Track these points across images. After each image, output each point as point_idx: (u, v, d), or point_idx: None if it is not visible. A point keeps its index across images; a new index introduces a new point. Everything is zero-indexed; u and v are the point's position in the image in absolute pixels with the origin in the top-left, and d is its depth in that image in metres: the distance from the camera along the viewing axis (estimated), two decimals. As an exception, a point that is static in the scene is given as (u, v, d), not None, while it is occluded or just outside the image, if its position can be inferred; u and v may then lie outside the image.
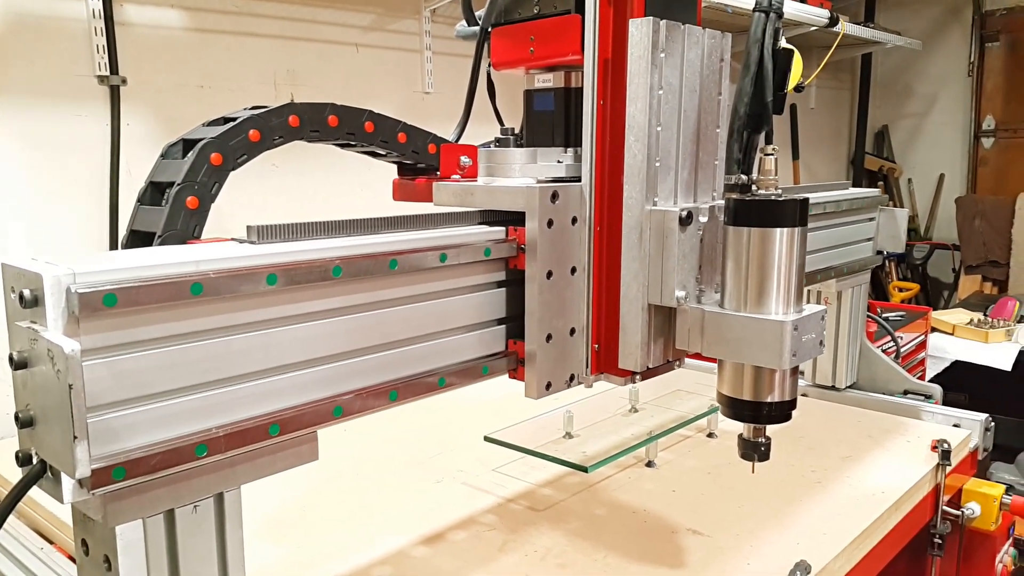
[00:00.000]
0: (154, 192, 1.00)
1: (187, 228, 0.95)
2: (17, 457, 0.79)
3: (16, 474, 1.64)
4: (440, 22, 3.21)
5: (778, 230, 1.07)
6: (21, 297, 0.73)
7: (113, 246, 2.35)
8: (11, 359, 0.75)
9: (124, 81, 2.36)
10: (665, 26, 1.12)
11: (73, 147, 2.30)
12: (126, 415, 0.78)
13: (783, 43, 1.20)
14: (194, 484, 0.84)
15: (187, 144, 1.01)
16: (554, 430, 1.82)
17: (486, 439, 1.77)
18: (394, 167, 1.43)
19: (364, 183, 2.89)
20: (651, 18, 1.11)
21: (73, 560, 1.40)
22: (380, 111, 1.28)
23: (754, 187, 1.14)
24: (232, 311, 0.85)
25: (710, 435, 1.98)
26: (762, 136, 1.16)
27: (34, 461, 0.78)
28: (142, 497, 0.81)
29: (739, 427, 1.24)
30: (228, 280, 0.82)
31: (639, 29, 1.12)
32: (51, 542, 1.49)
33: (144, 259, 0.80)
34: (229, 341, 0.85)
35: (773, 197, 1.10)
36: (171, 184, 0.96)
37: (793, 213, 1.08)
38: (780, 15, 1.13)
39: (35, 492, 0.80)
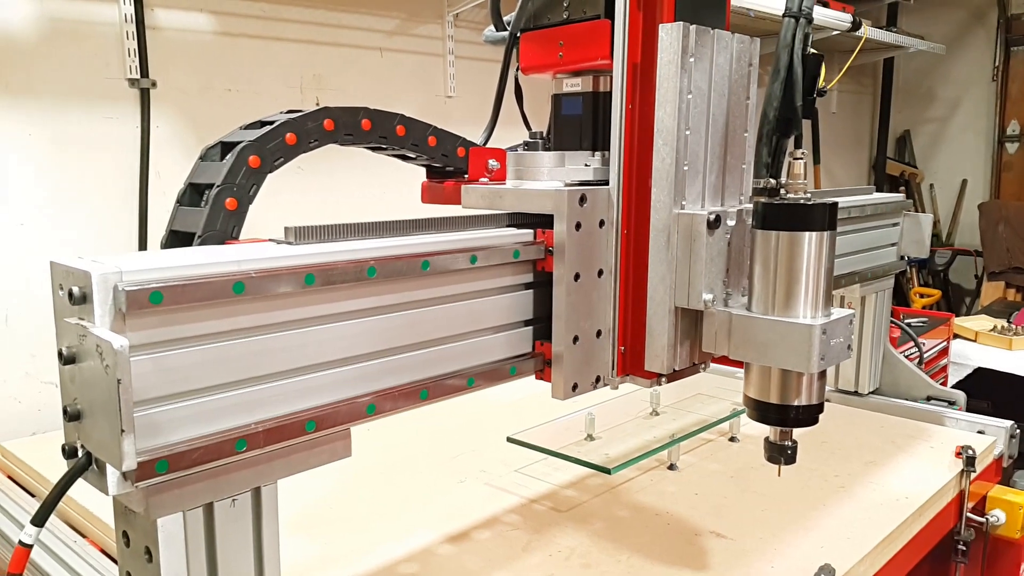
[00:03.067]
0: (193, 193, 1.02)
1: (226, 229, 0.97)
2: (63, 449, 0.81)
3: (49, 468, 1.66)
4: (463, 27, 3.23)
5: (807, 234, 1.08)
6: (70, 294, 0.75)
7: (142, 246, 2.39)
8: (60, 354, 0.77)
9: (154, 84, 2.40)
10: (695, 31, 1.13)
11: (103, 148, 2.35)
12: (169, 410, 0.80)
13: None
14: (233, 478, 0.86)
15: (225, 147, 1.03)
16: (576, 432, 1.83)
17: (509, 440, 1.79)
18: (419, 170, 1.45)
19: (386, 186, 2.92)
20: (681, 23, 1.12)
21: (105, 553, 1.43)
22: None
23: (783, 191, 1.15)
24: (271, 310, 0.87)
25: (732, 439, 1.99)
26: (791, 140, 1.16)
27: (79, 454, 0.80)
28: (183, 490, 0.82)
29: (761, 431, 1.25)
30: (268, 280, 0.84)
31: (669, 34, 1.13)
32: (84, 536, 1.52)
33: (187, 258, 0.82)
34: (268, 339, 0.87)
35: (802, 201, 1.11)
36: (210, 186, 0.99)
37: (822, 217, 1.09)
38: (810, 20, 1.14)
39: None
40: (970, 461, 1.80)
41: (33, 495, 1.74)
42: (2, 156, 2.17)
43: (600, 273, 1.19)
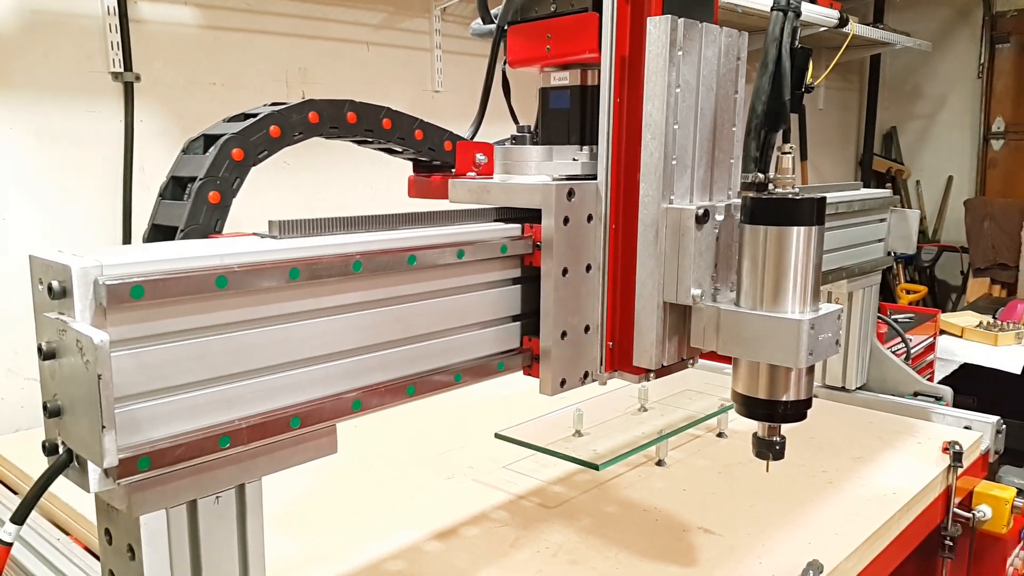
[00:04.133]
0: (175, 187, 1.01)
1: (209, 223, 0.96)
2: (44, 446, 0.79)
3: (32, 466, 1.65)
4: (450, 21, 3.21)
5: (795, 228, 1.08)
6: (49, 288, 0.74)
7: (126, 241, 2.36)
8: (39, 349, 0.75)
9: (138, 78, 2.38)
10: (683, 24, 1.13)
11: (87, 143, 2.32)
12: (151, 406, 0.79)
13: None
14: (217, 475, 0.85)
15: (208, 139, 1.02)
16: (564, 428, 1.83)
17: (497, 436, 1.78)
18: (406, 165, 1.44)
19: (373, 180, 2.90)
20: (669, 16, 1.11)
21: (89, 551, 1.42)
22: (391, 109, 1.28)
23: (771, 185, 1.15)
24: (255, 304, 0.86)
25: (720, 435, 1.99)
26: (779, 135, 1.16)
27: (60, 451, 0.78)
28: (165, 487, 0.81)
29: (749, 427, 1.24)
30: (252, 274, 0.83)
31: (657, 27, 1.12)
32: (67, 533, 1.50)
33: (169, 252, 0.81)
34: (252, 334, 0.86)
35: (790, 195, 1.10)
36: (193, 179, 0.97)
37: (810, 212, 1.08)
38: (798, 14, 1.14)
39: (52, 484, 0.81)
40: (957, 456, 1.80)
41: (16, 493, 1.71)
42: (-17, 150, 2.14)
43: (588, 268, 1.19)
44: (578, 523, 1.52)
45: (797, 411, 1.16)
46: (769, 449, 1.21)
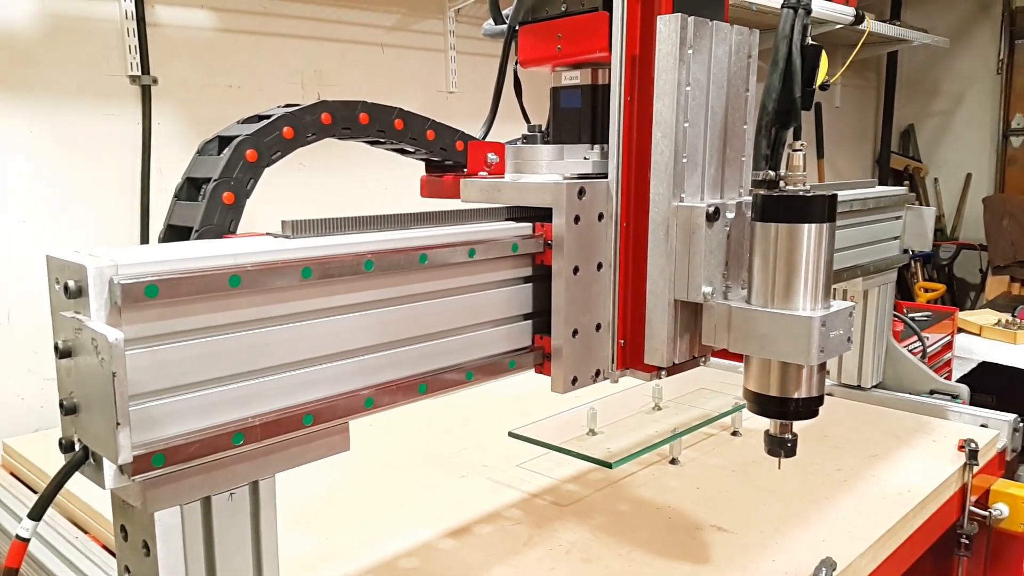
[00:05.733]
0: (190, 188, 1.02)
1: (223, 223, 0.97)
2: (60, 443, 0.81)
3: (51, 464, 1.67)
4: (464, 22, 3.22)
5: (806, 226, 1.07)
6: (66, 288, 0.75)
7: (144, 242, 2.39)
8: (56, 348, 0.77)
9: (155, 81, 2.40)
10: (693, 22, 1.13)
11: (105, 146, 2.35)
12: (165, 404, 0.80)
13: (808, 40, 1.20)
14: (230, 472, 0.86)
15: (223, 141, 1.03)
16: (578, 426, 1.83)
17: (510, 435, 1.78)
18: (420, 165, 1.45)
19: (388, 181, 2.92)
20: (679, 14, 1.11)
21: (107, 549, 1.43)
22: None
23: (782, 183, 1.14)
24: (268, 303, 0.87)
25: (734, 433, 1.98)
26: (790, 132, 1.16)
27: (76, 448, 0.80)
28: (180, 484, 0.82)
29: (763, 426, 1.24)
30: (265, 273, 0.84)
31: (667, 25, 1.12)
32: (86, 531, 1.52)
33: (183, 252, 0.82)
34: (265, 333, 0.87)
35: (801, 193, 1.10)
36: (207, 180, 0.98)
37: (821, 209, 1.08)
38: (808, 11, 1.13)
39: (70, 483, 0.82)
40: (972, 455, 1.79)
41: (35, 491, 1.74)
42: (4, 153, 2.17)
43: (599, 266, 1.19)
44: (591, 521, 1.53)
45: (809, 408, 1.15)
46: (781, 446, 1.21)
